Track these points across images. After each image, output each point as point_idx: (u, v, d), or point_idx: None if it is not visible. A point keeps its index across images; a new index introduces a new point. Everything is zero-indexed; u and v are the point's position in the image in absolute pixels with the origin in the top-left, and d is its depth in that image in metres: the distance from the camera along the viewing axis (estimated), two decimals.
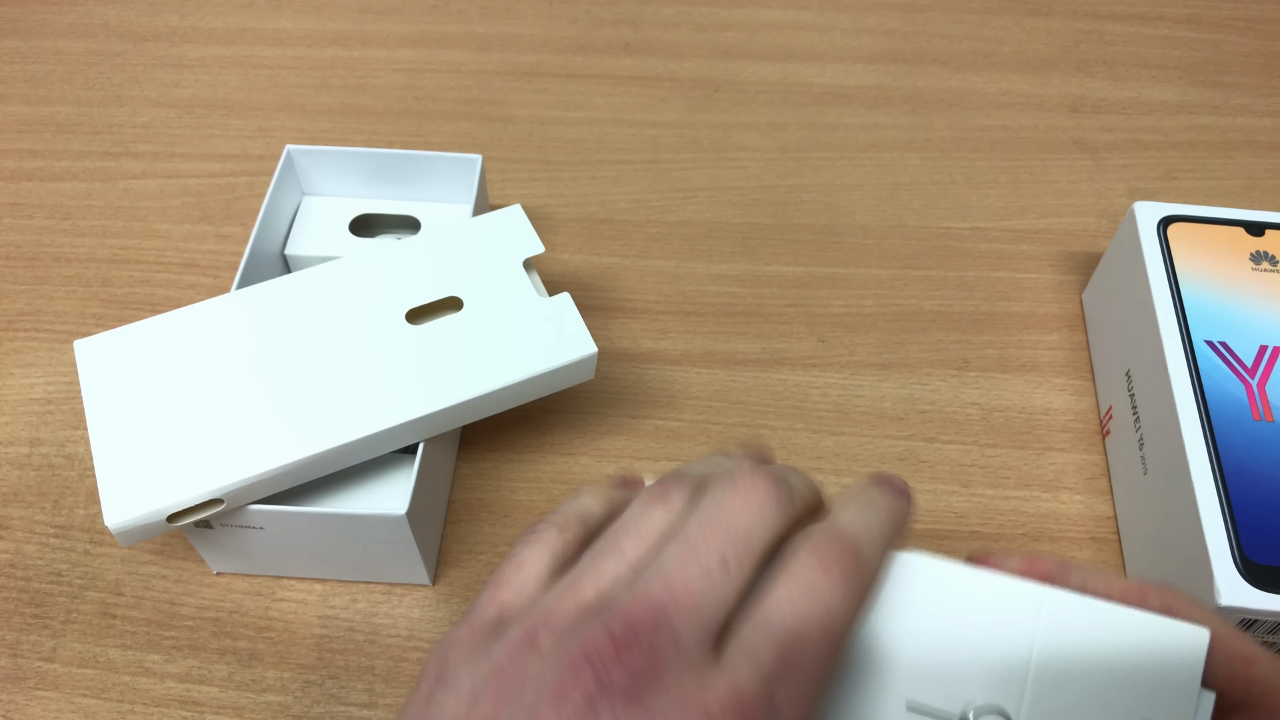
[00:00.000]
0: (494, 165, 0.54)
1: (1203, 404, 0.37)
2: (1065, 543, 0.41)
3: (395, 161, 0.46)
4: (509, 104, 0.57)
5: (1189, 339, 0.39)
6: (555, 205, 0.52)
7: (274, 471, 0.34)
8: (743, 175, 0.54)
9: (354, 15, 0.61)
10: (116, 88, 0.57)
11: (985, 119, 0.57)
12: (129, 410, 0.35)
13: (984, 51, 0.60)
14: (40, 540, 0.40)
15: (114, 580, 0.39)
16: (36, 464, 0.42)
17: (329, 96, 0.57)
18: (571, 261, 0.50)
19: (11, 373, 0.45)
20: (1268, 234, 0.42)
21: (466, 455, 0.43)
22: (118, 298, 0.48)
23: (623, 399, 0.45)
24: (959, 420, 0.44)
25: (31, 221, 0.51)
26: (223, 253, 0.50)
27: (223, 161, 0.54)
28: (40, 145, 0.54)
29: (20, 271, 0.49)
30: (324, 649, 0.38)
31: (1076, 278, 0.49)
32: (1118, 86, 0.59)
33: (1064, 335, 0.47)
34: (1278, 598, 0.32)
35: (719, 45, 0.60)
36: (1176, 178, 0.54)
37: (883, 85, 0.58)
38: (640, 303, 0.48)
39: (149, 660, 0.37)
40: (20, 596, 0.39)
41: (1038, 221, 0.52)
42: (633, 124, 0.56)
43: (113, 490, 0.34)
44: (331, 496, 0.38)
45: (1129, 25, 0.62)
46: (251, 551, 0.37)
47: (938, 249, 0.51)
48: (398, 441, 0.37)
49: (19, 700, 0.36)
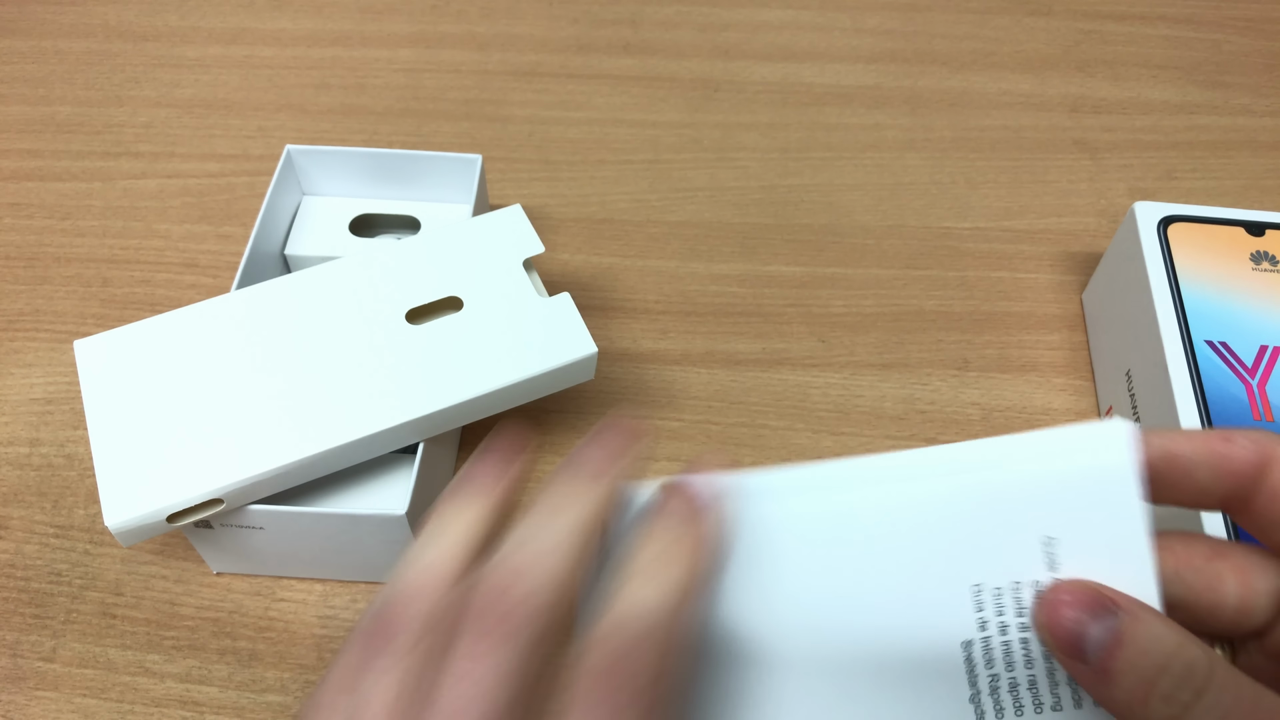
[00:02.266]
0: (494, 165, 0.54)
1: (1203, 404, 0.37)
2: None
3: (395, 161, 0.46)
4: (509, 104, 0.57)
5: (1189, 339, 0.39)
6: (555, 205, 0.52)
7: (274, 471, 0.34)
8: (743, 175, 0.54)
9: (354, 15, 0.61)
10: (116, 87, 0.57)
11: (985, 119, 0.57)
12: (129, 410, 0.35)
13: (984, 51, 0.60)
14: (40, 540, 0.40)
15: (114, 580, 0.39)
16: (36, 464, 0.42)
17: (329, 96, 0.57)
18: (571, 261, 0.50)
19: (11, 373, 0.45)
20: (1268, 234, 0.42)
21: (467, 455, 0.43)
22: (118, 298, 0.48)
23: (623, 399, 0.44)
24: (959, 420, 0.44)
25: (31, 221, 0.51)
26: (223, 253, 0.50)
27: (223, 161, 0.54)
28: (40, 145, 0.54)
29: (20, 271, 0.49)
30: (324, 649, 0.38)
31: (1077, 278, 0.49)
32: (1118, 86, 0.59)
33: (1064, 335, 0.47)
34: None
35: (719, 45, 0.60)
36: (1177, 178, 0.54)
37: (883, 85, 0.58)
38: (640, 303, 0.48)
39: (149, 660, 0.37)
40: (20, 596, 0.39)
41: (1038, 221, 0.52)
42: (633, 124, 0.56)
43: (113, 490, 0.34)
44: (331, 496, 0.38)
45: (1129, 25, 0.62)
46: (251, 551, 0.37)
47: (938, 249, 0.51)
48: (398, 441, 0.37)
49: (19, 700, 0.36)
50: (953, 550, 0.21)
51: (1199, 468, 0.21)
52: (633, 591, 0.20)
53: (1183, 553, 0.23)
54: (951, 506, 0.21)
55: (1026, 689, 0.21)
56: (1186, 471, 0.22)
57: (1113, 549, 0.21)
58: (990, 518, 0.21)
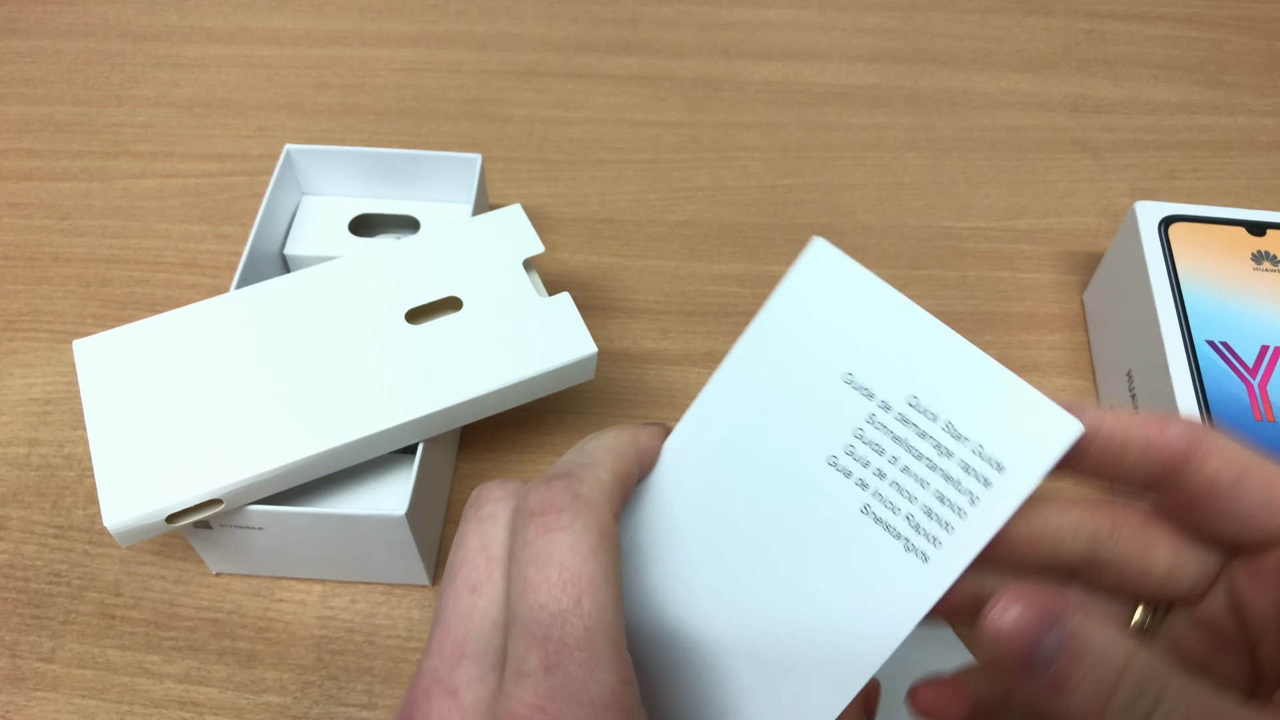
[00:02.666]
0: (494, 165, 0.54)
1: (1204, 404, 0.37)
2: None
3: (395, 161, 0.46)
4: (509, 103, 0.57)
5: (1190, 339, 0.39)
6: (555, 205, 0.52)
7: (273, 472, 0.34)
8: (743, 175, 0.54)
9: (353, 14, 0.61)
10: (115, 87, 0.57)
11: (986, 118, 0.57)
12: (128, 410, 0.35)
13: (985, 51, 0.60)
14: (39, 541, 0.40)
15: (113, 581, 0.39)
16: (35, 464, 0.42)
17: (328, 96, 0.57)
18: (571, 261, 0.50)
19: (10, 373, 0.45)
20: (1269, 234, 0.42)
21: (466, 455, 0.43)
22: (116, 297, 0.48)
23: (623, 399, 0.44)
24: None
25: (30, 221, 0.51)
26: (222, 252, 0.50)
27: (222, 161, 0.54)
28: (39, 145, 0.54)
29: (19, 271, 0.49)
30: (323, 650, 0.37)
31: (1077, 277, 0.49)
32: (1119, 86, 0.58)
33: (1065, 335, 0.47)
34: None
35: (719, 45, 0.60)
36: (1178, 177, 0.54)
37: (883, 85, 0.58)
38: (640, 303, 0.48)
39: (148, 661, 0.37)
40: (19, 597, 0.39)
41: (1039, 221, 0.52)
42: (633, 123, 0.56)
43: (112, 490, 0.33)
44: (331, 496, 0.38)
45: (1130, 25, 0.62)
46: (251, 552, 0.37)
47: (938, 249, 0.51)
48: (397, 441, 0.36)
49: (17, 701, 0.36)
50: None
51: (1132, 448, 0.22)
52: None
53: (1120, 515, 0.24)
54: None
55: (914, 481, 0.22)
56: (1120, 450, 0.22)
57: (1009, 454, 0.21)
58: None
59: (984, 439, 0.21)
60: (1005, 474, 0.21)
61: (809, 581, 0.22)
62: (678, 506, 0.23)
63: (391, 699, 0.36)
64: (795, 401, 0.23)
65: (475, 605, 0.21)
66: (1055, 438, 0.21)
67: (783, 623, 0.22)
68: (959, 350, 0.22)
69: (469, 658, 0.21)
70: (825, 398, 0.22)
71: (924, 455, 0.22)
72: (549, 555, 0.20)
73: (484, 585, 0.21)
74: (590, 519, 0.21)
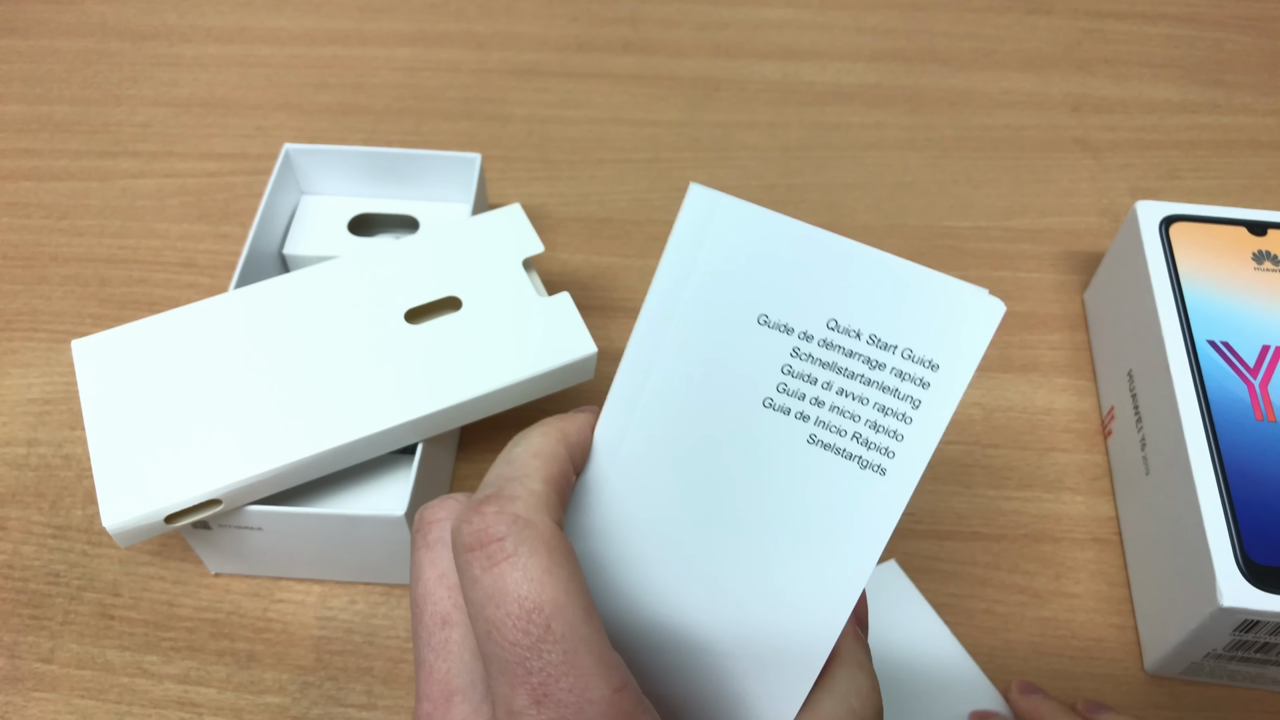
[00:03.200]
0: (493, 164, 0.54)
1: (1205, 404, 0.37)
2: (1067, 544, 0.40)
3: (394, 161, 0.46)
4: (508, 103, 0.57)
5: (1191, 339, 0.39)
6: (555, 205, 0.52)
7: (272, 472, 0.34)
8: (743, 174, 0.53)
9: (352, 14, 0.61)
10: (114, 87, 0.57)
11: (987, 118, 0.56)
12: (127, 410, 0.35)
13: (985, 50, 0.60)
14: (38, 541, 0.40)
15: (112, 581, 0.39)
16: (34, 464, 0.42)
17: (327, 95, 0.57)
18: (571, 261, 0.49)
19: (9, 373, 0.45)
20: (1270, 233, 0.42)
21: (466, 455, 0.43)
22: (115, 297, 0.48)
23: None
24: (960, 420, 0.44)
25: (29, 221, 0.51)
26: (221, 252, 0.50)
27: (221, 161, 0.54)
28: (38, 144, 0.54)
29: (18, 271, 0.49)
30: (322, 650, 0.37)
31: (1078, 277, 0.49)
32: (1119, 85, 0.58)
33: (1066, 335, 0.47)
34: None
35: (719, 44, 0.60)
36: (1178, 177, 0.54)
37: (884, 84, 0.58)
38: (640, 302, 0.48)
39: (147, 661, 0.37)
40: (18, 597, 0.39)
41: (1039, 221, 0.52)
42: (633, 123, 0.56)
43: (110, 491, 0.33)
44: (331, 496, 0.38)
45: (1130, 24, 0.62)
46: (250, 552, 0.37)
47: (939, 248, 0.50)
48: (397, 441, 0.36)
49: (16, 702, 0.36)
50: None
51: None
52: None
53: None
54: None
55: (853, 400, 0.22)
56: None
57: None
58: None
59: (911, 342, 0.21)
60: (940, 371, 0.21)
61: (775, 525, 0.22)
62: (622, 492, 0.23)
63: (390, 699, 0.36)
64: (715, 356, 0.22)
65: (450, 639, 0.21)
66: (981, 322, 0.21)
67: (759, 571, 0.22)
68: (862, 259, 0.21)
69: (458, 694, 0.20)
70: (744, 344, 0.22)
71: (856, 374, 0.21)
72: (502, 591, 0.19)
73: (453, 615, 0.21)
74: (534, 540, 0.19)
